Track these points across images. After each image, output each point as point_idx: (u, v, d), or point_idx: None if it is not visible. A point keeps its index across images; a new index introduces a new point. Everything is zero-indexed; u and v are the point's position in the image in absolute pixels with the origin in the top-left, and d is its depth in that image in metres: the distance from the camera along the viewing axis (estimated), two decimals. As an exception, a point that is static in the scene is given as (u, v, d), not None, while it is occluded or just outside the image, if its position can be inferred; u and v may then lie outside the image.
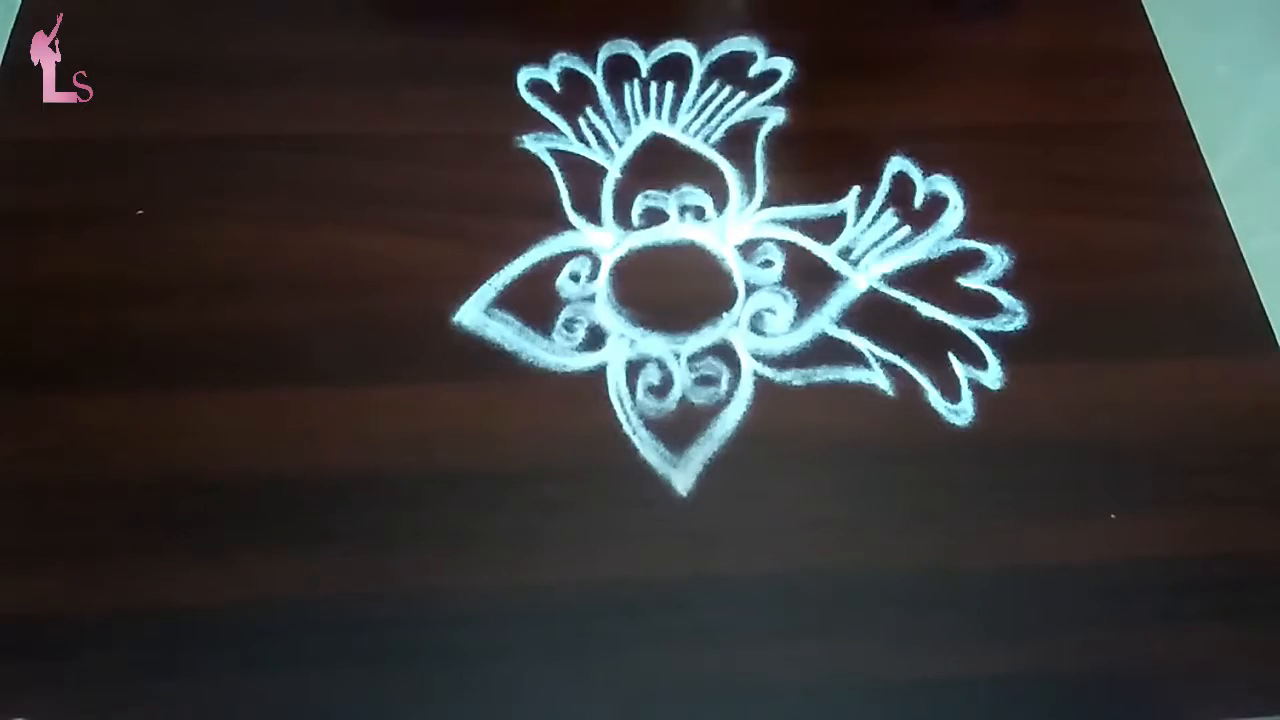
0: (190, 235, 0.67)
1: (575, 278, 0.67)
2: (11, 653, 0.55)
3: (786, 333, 0.66)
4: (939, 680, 0.57)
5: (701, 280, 0.68)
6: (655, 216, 0.70)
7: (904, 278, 0.68)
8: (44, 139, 0.71)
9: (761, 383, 0.64)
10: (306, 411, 0.62)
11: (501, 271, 0.67)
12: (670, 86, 0.75)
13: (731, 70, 0.76)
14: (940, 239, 0.70)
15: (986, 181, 0.72)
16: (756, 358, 0.65)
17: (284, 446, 0.61)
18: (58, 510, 0.58)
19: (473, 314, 0.65)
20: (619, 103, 0.74)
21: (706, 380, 0.64)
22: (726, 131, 0.73)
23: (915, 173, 0.72)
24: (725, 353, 0.65)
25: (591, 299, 0.67)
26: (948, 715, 0.56)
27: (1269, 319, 0.68)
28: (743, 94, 0.75)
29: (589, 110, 0.74)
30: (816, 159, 0.73)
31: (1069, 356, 0.66)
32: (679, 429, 0.62)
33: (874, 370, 0.65)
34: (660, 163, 0.72)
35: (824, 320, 0.67)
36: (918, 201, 0.71)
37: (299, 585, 0.57)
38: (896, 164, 0.72)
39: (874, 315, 0.67)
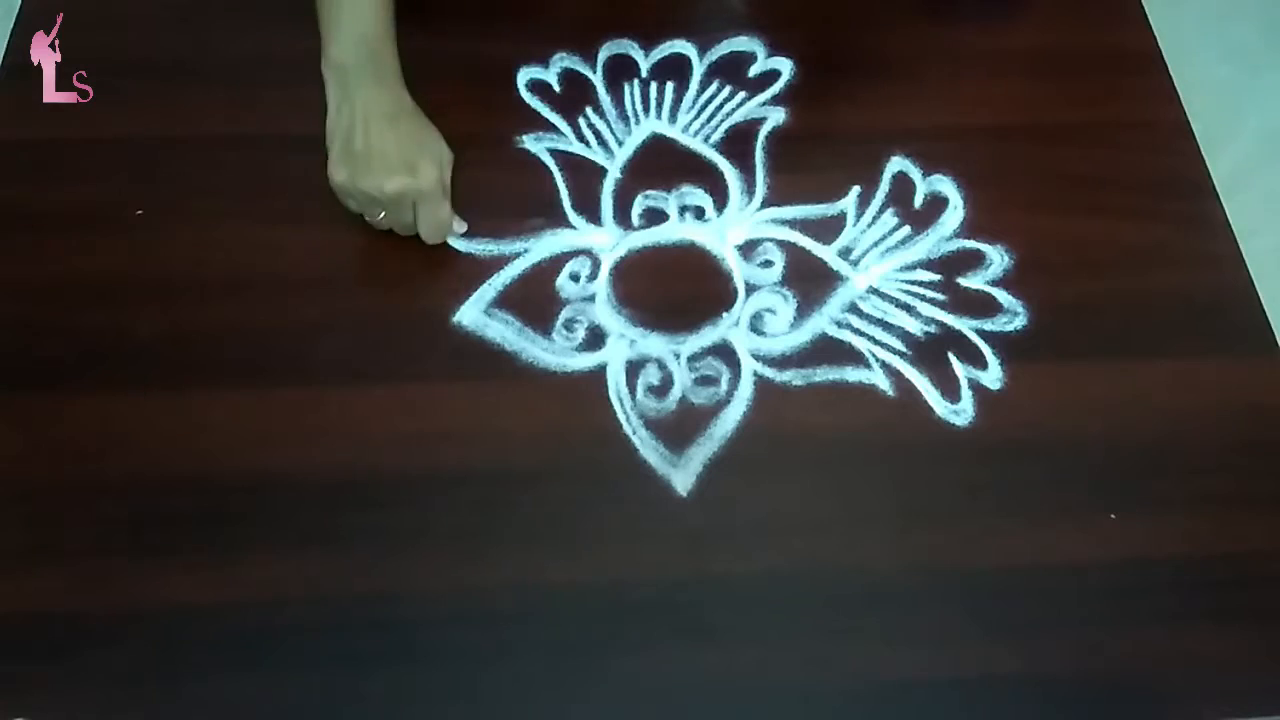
0: (190, 235, 0.67)
1: (575, 278, 0.67)
2: (11, 653, 0.55)
3: (786, 333, 0.66)
4: (938, 680, 0.56)
5: (701, 280, 0.68)
6: (655, 216, 0.70)
7: (904, 278, 0.68)
8: (44, 139, 0.71)
9: (761, 383, 0.64)
10: (306, 411, 0.62)
11: (501, 271, 0.67)
12: (670, 86, 0.75)
13: (731, 70, 0.76)
14: (940, 239, 0.70)
15: (986, 181, 0.72)
16: (756, 358, 0.65)
17: (284, 446, 0.61)
18: (58, 510, 0.59)
19: (473, 314, 0.65)
20: (619, 103, 0.74)
21: (706, 380, 0.64)
22: (726, 131, 0.73)
23: (915, 173, 0.72)
24: (725, 353, 0.65)
25: (591, 299, 0.67)
26: (946, 715, 0.56)
27: (1269, 319, 0.68)
28: (742, 94, 0.75)
29: (589, 110, 0.74)
30: (816, 159, 0.73)
31: (1069, 356, 0.66)
32: (679, 429, 0.62)
33: (874, 370, 0.65)
34: (660, 163, 0.72)
35: (824, 320, 0.67)
36: (918, 201, 0.71)
37: (299, 585, 0.57)
38: (896, 164, 0.72)
39: (874, 315, 0.67)
